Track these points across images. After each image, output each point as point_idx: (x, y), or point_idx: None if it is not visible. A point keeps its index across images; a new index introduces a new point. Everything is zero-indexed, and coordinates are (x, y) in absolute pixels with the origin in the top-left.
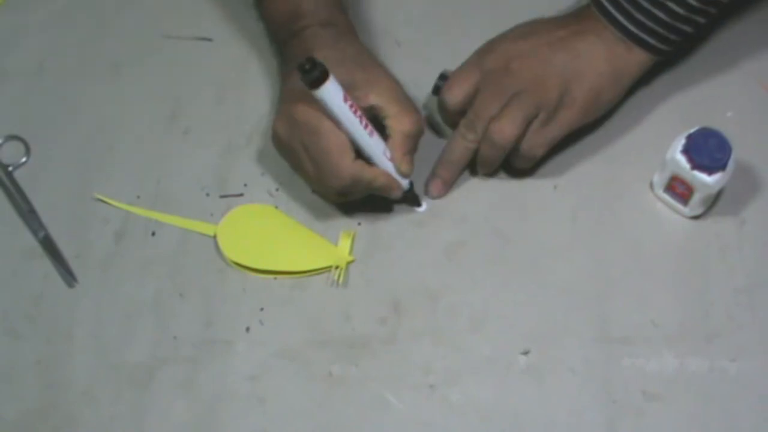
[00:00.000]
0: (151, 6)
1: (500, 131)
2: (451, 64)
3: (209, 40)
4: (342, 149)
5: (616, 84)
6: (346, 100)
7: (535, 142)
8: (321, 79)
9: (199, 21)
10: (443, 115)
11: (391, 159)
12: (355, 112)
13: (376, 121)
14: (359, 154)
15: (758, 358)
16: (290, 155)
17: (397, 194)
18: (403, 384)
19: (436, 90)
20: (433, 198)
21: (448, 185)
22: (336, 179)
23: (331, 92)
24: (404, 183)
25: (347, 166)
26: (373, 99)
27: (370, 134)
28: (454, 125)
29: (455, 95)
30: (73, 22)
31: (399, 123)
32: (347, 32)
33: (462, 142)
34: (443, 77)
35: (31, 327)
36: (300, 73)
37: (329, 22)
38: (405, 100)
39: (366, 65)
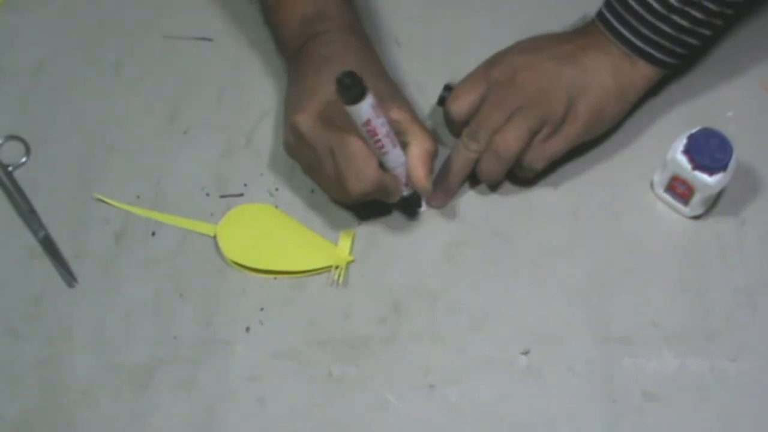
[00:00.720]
0: (151, 6)
1: (504, 144)
2: (451, 65)
3: (209, 40)
4: (369, 155)
5: (621, 99)
6: (367, 123)
7: (537, 156)
8: (360, 96)
9: (199, 21)
10: (449, 126)
11: (413, 175)
12: (374, 135)
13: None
14: None
15: (758, 358)
16: (308, 153)
17: (395, 199)
18: (403, 384)
19: (441, 101)
20: (434, 207)
21: (450, 195)
22: (359, 183)
23: (363, 111)
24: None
25: (372, 172)
26: (395, 114)
27: (393, 146)
28: (460, 135)
29: (460, 106)
30: (73, 22)
31: (423, 141)
32: (367, 41)
33: (464, 152)
34: (448, 88)
35: (31, 327)
36: (339, 87)
37: (352, 29)
38: (420, 120)
39: (386, 78)
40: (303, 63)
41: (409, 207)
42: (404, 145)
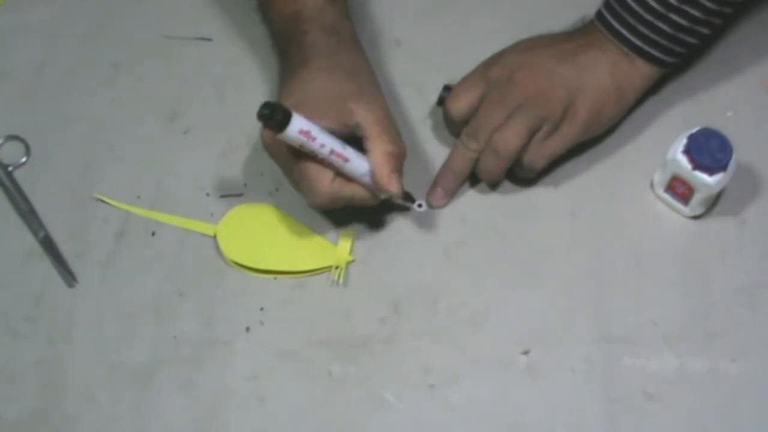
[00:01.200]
0: (151, 6)
1: (504, 142)
2: (451, 65)
3: (209, 40)
4: (319, 172)
5: (620, 99)
6: (313, 138)
7: (537, 155)
8: (285, 122)
9: (199, 21)
10: (449, 126)
11: (376, 182)
12: (322, 147)
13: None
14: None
15: (758, 358)
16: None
17: (373, 203)
18: (403, 384)
19: (441, 101)
20: (435, 208)
21: (450, 195)
22: (313, 199)
23: (297, 131)
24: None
25: (324, 189)
26: (359, 118)
27: (345, 161)
28: (460, 135)
29: (460, 106)
30: (73, 22)
31: (381, 144)
32: (349, 41)
33: (464, 152)
34: (447, 88)
35: (31, 327)
36: (261, 121)
37: (332, 29)
38: (387, 121)
39: (360, 80)
40: (282, 69)
41: (400, 205)
42: (367, 151)
